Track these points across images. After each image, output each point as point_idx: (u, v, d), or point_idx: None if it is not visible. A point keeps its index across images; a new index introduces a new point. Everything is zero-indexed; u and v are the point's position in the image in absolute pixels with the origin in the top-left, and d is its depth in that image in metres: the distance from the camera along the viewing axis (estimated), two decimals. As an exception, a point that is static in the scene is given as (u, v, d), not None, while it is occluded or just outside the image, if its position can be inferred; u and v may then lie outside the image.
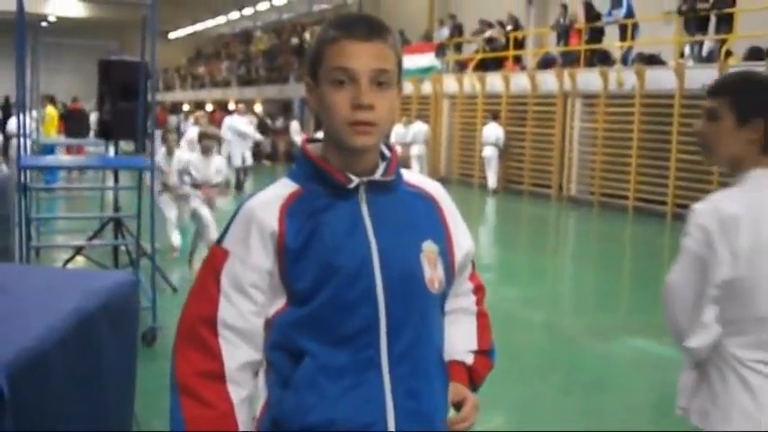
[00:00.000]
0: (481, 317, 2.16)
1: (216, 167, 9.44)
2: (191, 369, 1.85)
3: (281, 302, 1.89)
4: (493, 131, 20.08)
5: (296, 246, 1.85)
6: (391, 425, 1.85)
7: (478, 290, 2.17)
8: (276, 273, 1.87)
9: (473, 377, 2.09)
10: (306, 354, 1.85)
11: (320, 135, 1.99)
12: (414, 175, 2.06)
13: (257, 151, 25.14)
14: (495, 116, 20.29)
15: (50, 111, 19.73)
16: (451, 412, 2.02)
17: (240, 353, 1.87)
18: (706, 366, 2.62)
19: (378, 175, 1.92)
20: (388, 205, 1.93)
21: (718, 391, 2.57)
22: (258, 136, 21.73)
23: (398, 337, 1.87)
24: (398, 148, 21.09)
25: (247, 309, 1.87)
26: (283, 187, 1.93)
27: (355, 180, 1.88)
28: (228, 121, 20.48)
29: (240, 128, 19.64)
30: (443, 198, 2.05)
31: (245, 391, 1.88)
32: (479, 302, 2.16)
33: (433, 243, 1.95)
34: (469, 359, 2.09)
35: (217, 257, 1.90)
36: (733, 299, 2.52)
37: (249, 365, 1.89)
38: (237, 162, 19.05)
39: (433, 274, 1.93)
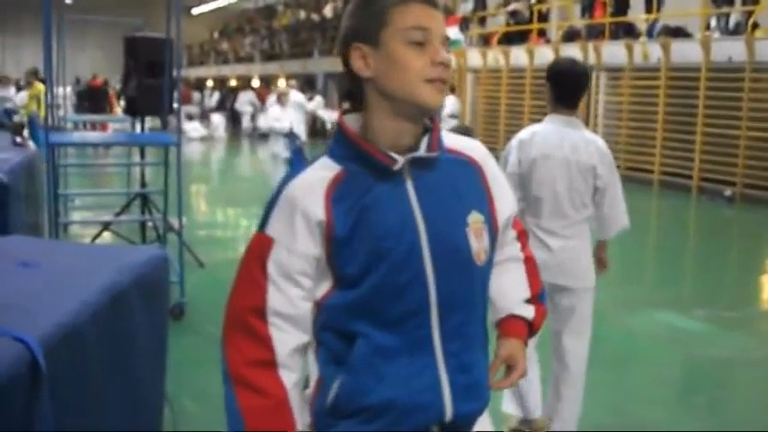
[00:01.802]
0: (528, 262, 2.16)
1: None
2: (242, 359, 1.85)
3: (327, 285, 1.88)
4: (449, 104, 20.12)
5: (344, 233, 1.82)
6: (448, 402, 1.87)
7: (521, 235, 2.17)
8: (324, 258, 1.85)
9: (532, 328, 2.12)
10: (358, 335, 1.84)
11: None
12: (453, 139, 2.01)
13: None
14: (452, 89, 20.22)
15: (38, 87, 18.48)
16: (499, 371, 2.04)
17: (290, 338, 1.86)
18: None
19: (422, 151, 1.88)
20: (432, 180, 1.89)
21: None
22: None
23: (449, 315, 1.87)
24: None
25: (296, 294, 1.86)
26: (325, 169, 1.87)
27: (400, 161, 1.84)
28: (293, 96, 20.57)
29: (305, 104, 19.72)
30: (486, 161, 2.02)
31: (296, 374, 1.88)
32: (524, 247, 2.16)
33: (478, 213, 1.94)
34: (530, 313, 2.10)
35: (262, 245, 1.87)
36: (522, 186, 4.34)
37: (299, 348, 1.89)
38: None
39: (479, 246, 1.92)
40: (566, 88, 4.40)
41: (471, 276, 1.92)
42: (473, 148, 2.02)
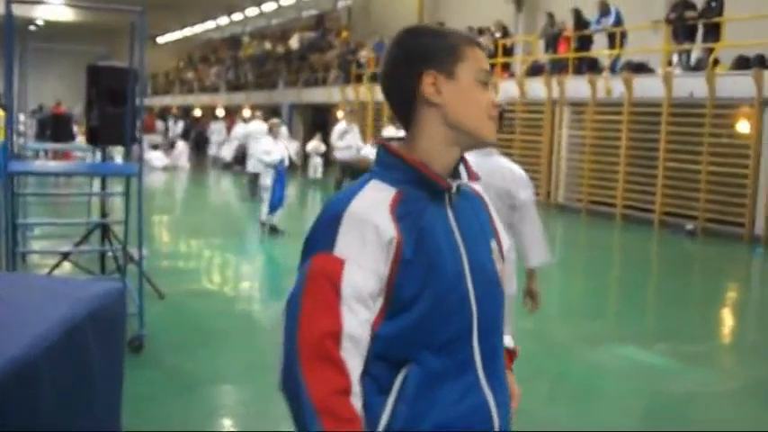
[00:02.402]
0: (510, 299, 2.35)
1: None
2: (328, 388, 1.79)
3: (377, 311, 1.87)
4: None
5: (410, 252, 1.85)
6: (496, 421, 1.95)
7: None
8: (385, 279, 1.85)
9: (513, 357, 2.26)
10: (410, 362, 1.86)
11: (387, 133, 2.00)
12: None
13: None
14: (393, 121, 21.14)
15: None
16: None
17: (357, 364, 1.84)
18: None
19: (465, 179, 2.00)
20: (464, 207, 2.00)
21: None
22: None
23: (487, 337, 1.95)
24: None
25: (365, 318, 1.84)
26: (379, 191, 1.90)
27: (454, 185, 1.96)
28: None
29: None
30: (484, 194, 2.15)
31: (360, 401, 1.85)
32: (510, 283, 2.32)
33: (494, 241, 2.06)
34: (511, 343, 2.22)
35: (332, 267, 1.82)
36: None
37: (360, 377, 1.86)
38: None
39: (501, 271, 2.04)
40: None
41: (500, 300, 2.03)
42: (475, 183, 2.12)
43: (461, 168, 2.02)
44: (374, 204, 1.86)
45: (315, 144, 23.63)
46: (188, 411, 5.60)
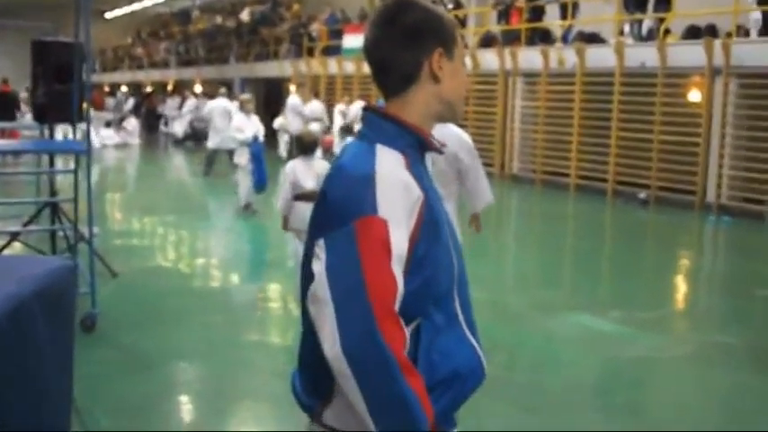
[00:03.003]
0: None
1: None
2: (403, 347, 1.84)
3: None
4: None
5: (426, 212, 1.93)
6: (484, 362, 2.08)
7: None
8: (408, 237, 1.90)
9: None
10: (421, 316, 1.94)
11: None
12: None
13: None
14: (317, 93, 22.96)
15: None
16: None
17: None
18: None
19: (436, 144, 2.10)
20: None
21: None
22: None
23: (461, 288, 2.06)
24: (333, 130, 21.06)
25: (400, 275, 1.87)
26: (392, 154, 1.96)
27: (444, 148, 2.13)
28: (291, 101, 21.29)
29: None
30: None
31: None
32: None
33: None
34: None
35: (381, 230, 1.85)
36: None
37: None
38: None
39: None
40: None
41: (461, 254, 2.11)
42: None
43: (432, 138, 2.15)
44: (397, 165, 1.93)
45: (281, 121, 23.22)
46: (143, 389, 5.54)
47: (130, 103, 35.92)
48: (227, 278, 9.40)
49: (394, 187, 1.88)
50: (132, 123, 29.97)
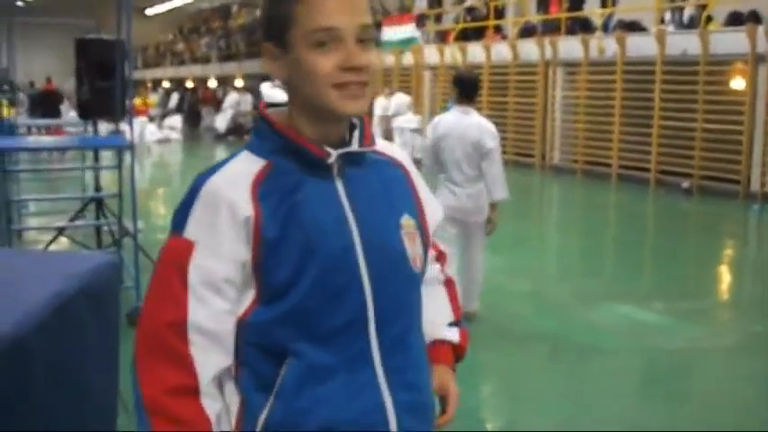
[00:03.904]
0: (449, 284, 2.03)
1: None
2: (161, 386, 1.60)
3: (251, 297, 1.65)
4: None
5: (273, 233, 1.62)
6: (392, 423, 1.68)
7: (440, 256, 2.02)
8: (250, 263, 1.63)
9: (458, 352, 1.98)
10: (290, 354, 1.64)
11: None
12: (380, 142, 1.86)
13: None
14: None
15: None
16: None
17: (213, 360, 1.63)
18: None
19: (355, 146, 1.72)
20: (363, 179, 1.73)
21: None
22: None
23: (388, 325, 1.69)
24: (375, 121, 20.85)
25: (220, 307, 1.62)
26: (247, 162, 1.68)
27: (333, 154, 1.67)
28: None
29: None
30: (409, 164, 1.89)
31: (220, 403, 1.65)
32: (444, 268, 2.03)
33: (410, 217, 1.78)
34: (455, 336, 1.97)
35: (179, 250, 1.63)
36: (435, 154, 6.59)
37: (221, 374, 1.66)
38: None
39: (414, 251, 1.75)
40: (464, 89, 6.59)
41: (409, 282, 1.76)
42: (397, 151, 1.90)
43: (356, 134, 1.75)
44: (234, 179, 1.65)
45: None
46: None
47: (174, 99, 36.23)
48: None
49: (210, 205, 1.63)
50: (175, 119, 30.25)
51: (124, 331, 3.64)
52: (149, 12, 46.21)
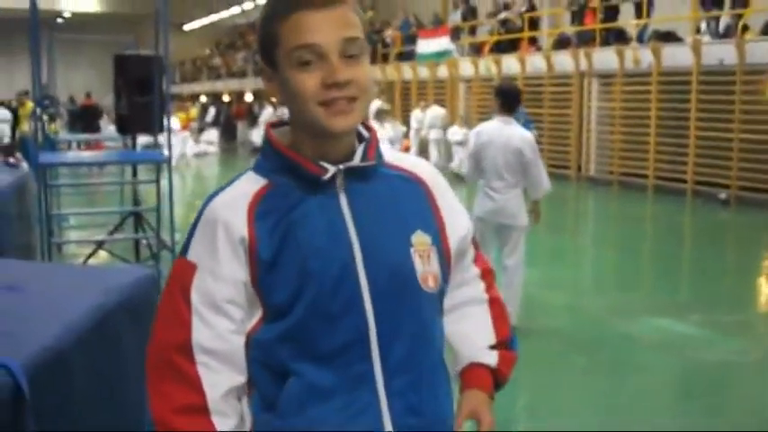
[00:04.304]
0: (494, 304, 1.92)
1: None
2: (169, 405, 1.61)
3: (257, 316, 1.66)
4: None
5: (269, 253, 1.61)
6: None
7: (486, 274, 1.94)
8: (249, 283, 1.63)
9: (498, 378, 1.86)
10: (290, 373, 1.63)
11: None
12: (398, 155, 1.83)
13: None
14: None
15: (30, 107, 18.58)
16: (467, 424, 1.81)
17: (222, 379, 1.63)
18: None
19: (357, 161, 1.68)
20: (369, 194, 1.69)
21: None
22: None
23: (392, 346, 1.65)
24: (411, 135, 20.86)
25: (225, 328, 1.63)
26: (249, 183, 1.69)
27: (331, 170, 1.64)
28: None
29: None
30: (433, 178, 1.82)
31: (233, 419, 1.65)
32: (490, 288, 1.92)
33: (424, 233, 1.72)
34: (493, 360, 1.86)
35: (183, 272, 1.65)
36: (477, 161, 6.76)
37: (233, 391, 1.66)
38: None
39: (426, 270, 1.70)
40: (505, 100, 6.78)
41: (418, 303, 1.70)
42: (419, 165, 1.83)
43: (360, 148, 1.71)
44: (232, 200, 1.66)
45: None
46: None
47: (212, 113, 36.53)
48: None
49: (208, 227, 1.65)
50: (212, 132, 30.48)
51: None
52: (187, 27, 46.67)
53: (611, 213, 16.04)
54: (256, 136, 29.47)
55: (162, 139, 8.55)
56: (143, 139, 11.20)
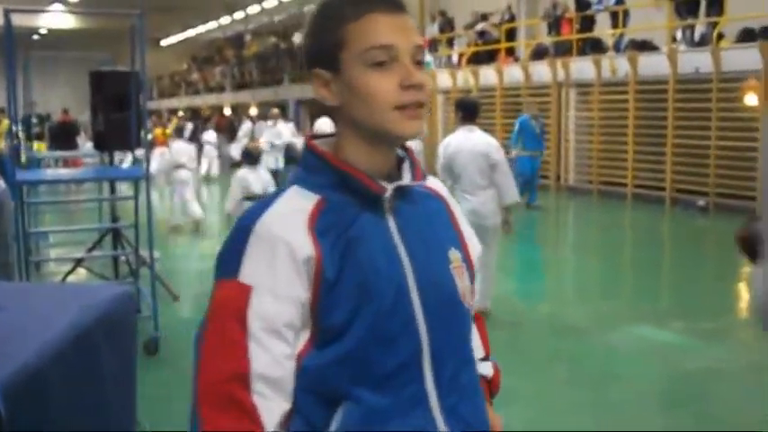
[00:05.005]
0: (479, 320, 1.94)
1: None
2: None
3: (304, 339, 1.57)
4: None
5: (333, 272, 1.54)
6: None
7: (472, 291, 1.91)
8: (308, 305, 1.55)
9: (492, 389, 1.92)
10: (346, 399, 1.56)
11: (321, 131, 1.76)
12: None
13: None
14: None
15: (6, 124, 18.32)
16: None
17: (275, 407, 1.53)
18: None
19: (407, 179, 1.66)
20: (411, 213, 1.67)
21: None
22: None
23: (444, 365, 1.63)
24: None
25: (281, 352, 1.54)
26: (299, 199, 1.60)
27: (390, 188, 1.61)
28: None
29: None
30: (448, 195, 1.83)
31: None
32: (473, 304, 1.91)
33: (456, 250, 1.72)
34: (489, 371, 1.91)
35: (235, 296, 1.54)
36: (449, 169, 7.44)
37: (284, 418, 1.57)
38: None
39: (463, 285, 1.70)
40: (466, 112, 7.42)
41: (462, 320, 1.71)
42: (434, 180, 1.83)
43: (406, 167, 1.69)
44: (289, 217, 1.57)
45: None
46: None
47: (188, 128, 36.42)
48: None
49: (267, 246, 1.54)
50: (191, 148, 30.37)
51: (142, 361, 3.66)
52: (164, 42, 46.63)
53: (591, 222, 16.08)
54: (235, 150, 29.44)
55: (140, 154, 8.51)
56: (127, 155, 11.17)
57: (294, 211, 1.57)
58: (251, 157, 9.50)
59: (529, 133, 16.22)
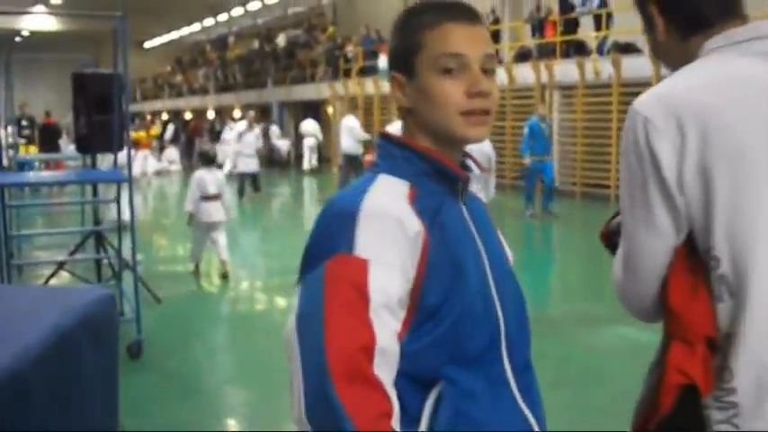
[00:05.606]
0: None
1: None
2: (372, 412, 1.47)
3: (401, 320, 1.58)
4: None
5: (435, 251, 1.60)
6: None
7: None
8: (412, 281, 1.58)
9: None
10: (442, 379, 1.60)
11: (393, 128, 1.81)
12: None
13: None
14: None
15: None
16: None
17: (390, 381, 1.53)
18: None
19: (476, 170, 1.79)
20: (474, 206, 1.78)
21: None
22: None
23: (515, 348, 1.72)
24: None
25: (394, 328, 1.55)
26: (393, 185, 1.66)
27: (469, 175, 1.75)
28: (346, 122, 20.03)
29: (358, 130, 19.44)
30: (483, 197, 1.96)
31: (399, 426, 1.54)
32: None
33: (503, 250, 1.86)
34: None
35: (355, 270, 1.53)
36: None
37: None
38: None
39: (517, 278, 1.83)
40: None
41: (523, 305, 1.83)
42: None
43: (470, 163, 1.81)
44: (392, 198, 1.62)
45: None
46: (189, 413, 5.59)
47: (170, 131, 36.35)
48: (270, 302, 9.45)
49: (380, 222, 1.57)
50: (172, 151, 30.32)
51: (124, 363, 3.64)
52: (147, 45, 46.52)
53: (575, 224, 16.11)
54: (220, 153, 29.38)
55: (122, 157, 8.48)
56: (109, 159, 11.11)
57: (396, 194, 1.64)
58: (207, 158, 10.26)
59: (539, 137, 15.38)
